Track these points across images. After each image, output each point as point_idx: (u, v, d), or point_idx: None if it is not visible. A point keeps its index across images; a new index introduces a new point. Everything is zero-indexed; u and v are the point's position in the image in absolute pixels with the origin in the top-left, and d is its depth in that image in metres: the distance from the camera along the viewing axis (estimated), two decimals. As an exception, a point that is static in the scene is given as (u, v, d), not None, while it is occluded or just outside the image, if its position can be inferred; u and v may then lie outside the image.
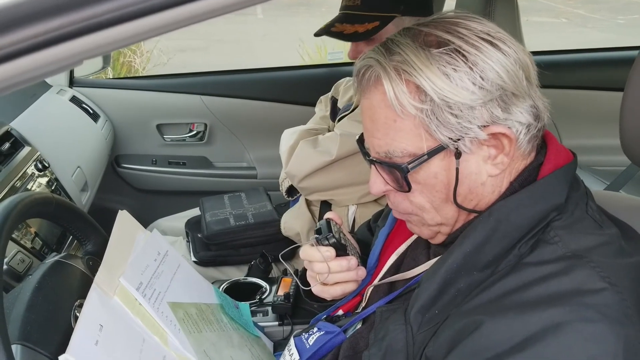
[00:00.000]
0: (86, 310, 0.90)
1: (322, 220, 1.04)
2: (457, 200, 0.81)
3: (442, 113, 0.75)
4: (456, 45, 0.75)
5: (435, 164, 0.79)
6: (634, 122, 0.91)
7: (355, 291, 1.05)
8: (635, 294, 0.71)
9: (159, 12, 0.50)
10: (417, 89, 0.75)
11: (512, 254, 0.77)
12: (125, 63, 6.30)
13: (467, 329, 0.72)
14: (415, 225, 0.89)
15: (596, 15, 10.48)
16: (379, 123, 0.80)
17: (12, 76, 0.49)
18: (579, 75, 2.69)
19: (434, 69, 0.74)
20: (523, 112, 0.78)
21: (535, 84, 0.80)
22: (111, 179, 2.51)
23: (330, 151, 1.56)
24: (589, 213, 0.81)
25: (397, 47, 0.77)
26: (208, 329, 1.14)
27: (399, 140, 0.79)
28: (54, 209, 1.00)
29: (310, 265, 1.03)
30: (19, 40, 0.47)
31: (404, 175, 0.80)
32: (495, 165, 0.79)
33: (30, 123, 1.82)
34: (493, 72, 0.74)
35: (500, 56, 0.75)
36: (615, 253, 0.76)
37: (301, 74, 2.71)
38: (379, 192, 0.86)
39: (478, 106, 0.75)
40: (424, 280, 0.82)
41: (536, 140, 0.82)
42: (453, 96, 0.74)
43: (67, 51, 0.48)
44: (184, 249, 1.91)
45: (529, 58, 0.80)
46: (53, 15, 0.47)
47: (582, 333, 0.66)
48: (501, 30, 0.79)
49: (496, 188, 0.82)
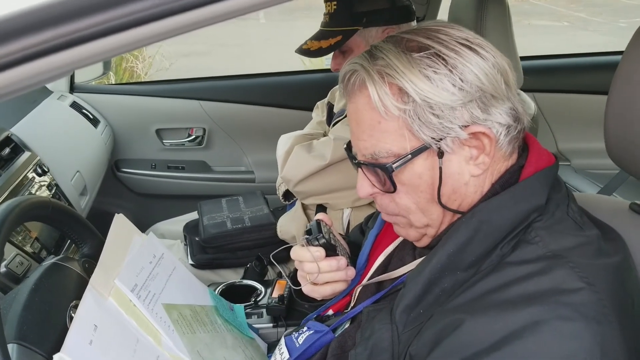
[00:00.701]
0: (81, 310, 0.92)
1: (313, 222, 1.06)
2: (441, 201, 0.83)
3: (424, 113, 0.77)
4: (436, 50, 0.78)
5: (419, 164, 0.81)
6: (617, 126, 0.92)
7: (344, 291, 1.07)
8: (612, 293, 0.73)
9: (159, 20, 0.52)
10: (399, 91, 0.78)
11: (494, 254, 0.79)
12: (127, 68, 6.35)
13: (449, 328, 0.74)
14: (402, 228, 0.92)
15: (597, 19, 10.49)
16: (365, 125, 0.83)
17: (11, 83, 0.51)
18: (574, 80, 2.71)
19: (415, 72, 0.77)
20: (502, 113, 0.80)
21: (514, 88, 0.83)
22: (111, 183, 2.54)
23: (324, 156, 1.59)
24: (570, 214, 0.83)
25: (380, 52, 0.81)
26: (202, 330, 1.16)
27: (383, 141, 0.81)
28: (50, 212, 1.03)
29: (301, 265, 1.05)
30: (21, 48, 0.49)
31: (389, 175, 0.82)
32: (477, 165, 0.82)
33: (31, 128, 1.85)
34: (472, 74, 0.77)
35: (479, 60, 0.79)
36: (594, 254, 0.78)
37: (299, 79, 2.74)
38: (366, 195, 0.88)
39: (458, 107, 0.78)
40: (408, 280, 0.84)
41: (517, 141, 0.85)
42: (434, 97, 0.77)
43: (63, 60, 0.51)
44: (181, 252, 1.93)
45: (508, 64, 0.83)
46: (48, 27, 0.49)
47: (560, 331, 0.68)
48: (479, 37, 0.82)
49: (479, 188, 0.84)
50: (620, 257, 0.81)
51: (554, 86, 2.69)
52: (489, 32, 1.69)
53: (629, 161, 0.93)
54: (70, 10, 0.49)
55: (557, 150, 2.73)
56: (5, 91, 0.52)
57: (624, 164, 0.95)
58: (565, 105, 2.65)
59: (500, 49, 1.70)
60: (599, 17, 10.46)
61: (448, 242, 0.81)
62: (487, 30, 1.69)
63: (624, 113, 0.90)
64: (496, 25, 1.69)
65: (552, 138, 2.71)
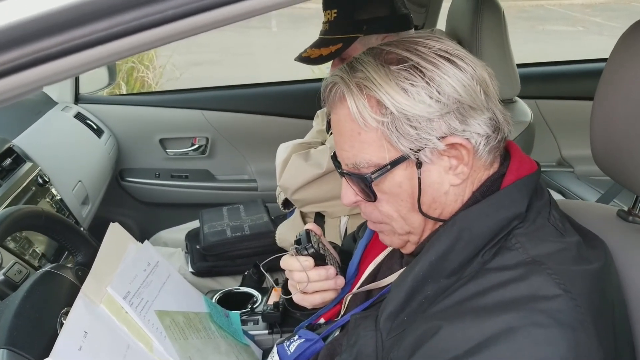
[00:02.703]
0: (71, 317, 0.94)
1: (302, 231, 1.08)
2: (422, 209, 0.84)
3: (401, 125, 0.78)
4: (414, 62, 0.79)
5: (399, 174, 0.82)
6: (602, 133, 0.92)
7: (335, 300, 1.08)
8: (590, 300, 0.73)
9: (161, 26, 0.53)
10: (377, 103, 0.79)
11: (475, 261, 0.79)
12: (138, 78, 6.40)
13: (428, 334, 0.74)
14: (386, 236, 0.93)
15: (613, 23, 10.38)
16: (346, 136, 0.84)
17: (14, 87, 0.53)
18: (578, 86, 2.70)
19: (392, 85, 0.78)
20: (481, 124, 0.81)
21: (494, 98, 0.84)
22: (115, 192, 2.57)
23: (320, 164, 1.60)
24: (551, 221, 0.83)
25: (360, 65, 0.82)
26: (195, 336, 1.17)
27: (364, 152, 0.82)
28: (43, 221, 1.05)
29: (291, 274, 1.06)
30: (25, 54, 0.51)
31: (368, 185, 0.83)
32: (457, 175, 0.83)
33: (33, 139, 1.88)
34: (449, 86, 0.78)
35: (457, 72, 0.79)
36: (572, 260, 0.78)
37: (300, 88, 2.75)
38: (350, 202, 0.90)
39: (435, 118, 0.78)
40: (393, 288, 0.85)
41: (497, 151, 0.86)
42: (411, 109, 0.78)
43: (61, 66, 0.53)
44: (182, 260, 1.95)
45: (489, 74, 0.84)
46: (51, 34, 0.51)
47: (534, 337, 0.68)
48: (460, 47, 0.83)
49: (459, 197, 0.85)
50: (600, 264, 0.81)
51: (557, 93, 2.69)
52: (485, 40, 1.70)
53: (615, 169, 0.93)
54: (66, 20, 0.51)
55: (560, 157, 2.72)
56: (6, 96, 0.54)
57: (610, 171, 0.95)
58: (569, 112, 2.65)
59: (496, 57, 1.72)
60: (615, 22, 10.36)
61: (430, 251, 0.82)
62: (483, 39, 1.70)
63: (607, 121, 0.90)
64: (492, 34, 1.70)
65: (555, 145, 2.70)
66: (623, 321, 0.83)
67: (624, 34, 0.89)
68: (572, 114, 2.61)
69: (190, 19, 0.53)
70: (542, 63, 2.95)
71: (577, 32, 10.10)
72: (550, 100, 2.63)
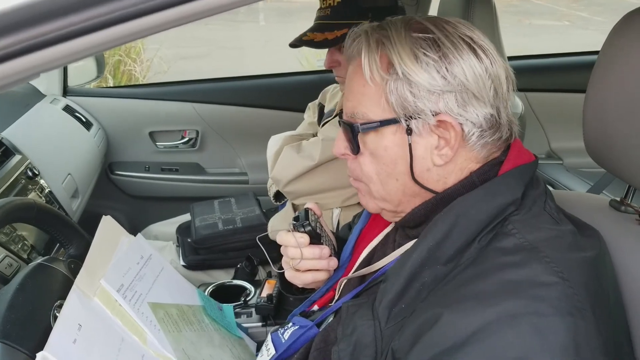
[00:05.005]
0: (65, 310, 0.93)
1: (302, 209, 1.08)
2: (414, 175, 0.87)
3: (402, 88, 0.82)
4: (436, 37, 0.82)
5: (387, 138, 0.86)
6: (594, 124, 0.93)
7: (328, 284, 1.08)
8: (586, 287, 0.74)
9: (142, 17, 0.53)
10: (387, 62, 0.83)
11: (472, 247, 0.80)
12: (125, 71, 6.35)
13: (429, 322, 0.75)
14: (363, 196, 0.97)
15: (599, 18, 10.46)
16: (353, 87, 0.89)
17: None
18: (566, 79, 2.72)
19: (406, 48, 0.81)
20: (479, 115, 0.82)
21: (504, 100, 0.86)
22: (105, 186, 2.55)
23: (312, 156, 1.60)
24: (547, 210, 0.84)
25: (387, 24, 0.86)
26: (188, 328, 1.17)
27: (362, 105, 0.86)
28: (35, 213, 1.04)
29: (285, 250, 1.07)
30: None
31: (354, 135, 0.87)
32: (440, 156, 0.85)
33: (22, 132, 1.86)
34: (459, 68, 0.81)
35: (473, 59, 0.82)
36: (568, 247, 0.79)
37: (291, 80, 2.74)
38: (339, 153, 0.94)
39: (436, 92, 0.81)
40: (390, 275, 0.85)
41: (494, 149, 0.87)
42: (415, 75, 0.81)
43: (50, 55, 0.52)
44: (174, 253, 1.94)
45: (506, 76, 0.86)
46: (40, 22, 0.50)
47: (536, 325, 0.68)
48: (489, 43, 0.85)
49: (441, 178, 0.87)
50: (595, 252, 0.82)
51: (546, 85, 2.70)
52: (476, 32, 1.70)
53: (607, 159, 0.94)
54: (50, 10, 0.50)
55: (549, 149, 2.73)
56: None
57: (602, 161, 0.96)
58: (557, 104, 2.66)
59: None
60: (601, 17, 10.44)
61: (428, 236, 0.83)
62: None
63: (600, 111, 0.91)
64: (483, 25, 1.70)
65: (544, 137, 2.72)
66: (618, 309, 0.85)
67: (617, 25, 0.89)
68: (561, 106, 2.63)
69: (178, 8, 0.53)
70: (531, 56, 2.96)
71: (563, 26, 10.16)
72: (540, 93, 2.65)
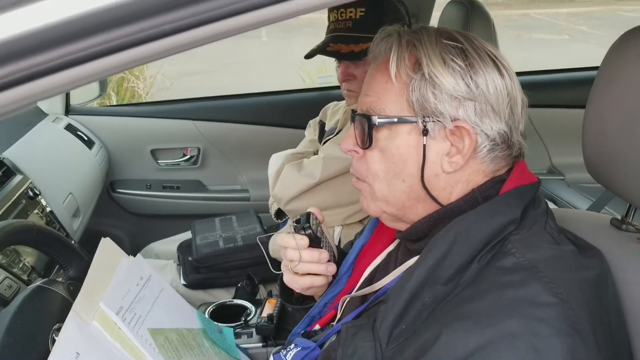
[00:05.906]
0: (62, 338, 0.92)
1: (304, 213, 1.08)
2: (423, 180, 0.87)
3: (425, 88, 0.83)
4: (464, 47, 0.84)
5: (402, 136, 0.86)
6: (594, 141, 0.93)
7: (325, 298, 1.07)
8: (586, 308, 0.74)
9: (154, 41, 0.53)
10: (415, 61, 0.84)
11: (472, 266, 0.80)
12: (128, 88, 6.39)
13: (429, 342, 0.74)
14: (364, 198, 0.96)
15: (598, 31, 10.51)
16: (375, 82, 0.90)
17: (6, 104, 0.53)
18: (568, 94, 2.72)
19: (436, 51, 0.83)
20: (493, 128, 0.84)
21: (518, 120, 0.87)
22: (106, 204, 2.55)
23: (313, 174, 1.60)
24: (547, 229, 0.84)
25: (419, 29, 0.88)
26: (188, 354, 1.16)
27: (383, 100, 0.87)
28: (35, 235, 1.04)
29: (285, 252, 1.06)
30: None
31: (369, 127, 0.88)
32: (450, 163, 0.85)
33: (24, 152, 1.87)
34: (483, 80, 0.82)
35: (496, 74, 0.84)
36: (568, 267, 0.78)
37: (292, 98, 2.75)
38: (347, 149, 0.94)
39: (457, 99, 0.82)
40: (391, 295, 0.85)
41: (503, 164, 0.88)
42: (440, 77, 0.82)
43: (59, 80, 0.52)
44: (174, 272, 1.93)
45: (522, 100, 0.88)
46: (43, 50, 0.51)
47: (534, 346, 0.68)
48: (510, 63, 0.87)
49: (448, 186, 0.87)
50: (597, 272, 0.81)
51: (547, 101, 2.70)
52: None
53: (607, 177, 0.93)
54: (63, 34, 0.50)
55: (550, 164, 2.73)
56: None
57: (602, 179, 0.95)
58: (559, 120, 2.66)
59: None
60: (600, 30, 10.49)
61: (428, 256, 0.82)
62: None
63: (599, 131, 0.90)
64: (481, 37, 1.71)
65: (545, 153, 2.71)
66: (620, 329, 0.84)
67: (614, 44, 0.90)
68: (562, 121, 2.62)
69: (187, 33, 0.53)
70: (531, 72, 2.97)
71: (563, 40, 10.22)
72: (540, 109, 2.65)
